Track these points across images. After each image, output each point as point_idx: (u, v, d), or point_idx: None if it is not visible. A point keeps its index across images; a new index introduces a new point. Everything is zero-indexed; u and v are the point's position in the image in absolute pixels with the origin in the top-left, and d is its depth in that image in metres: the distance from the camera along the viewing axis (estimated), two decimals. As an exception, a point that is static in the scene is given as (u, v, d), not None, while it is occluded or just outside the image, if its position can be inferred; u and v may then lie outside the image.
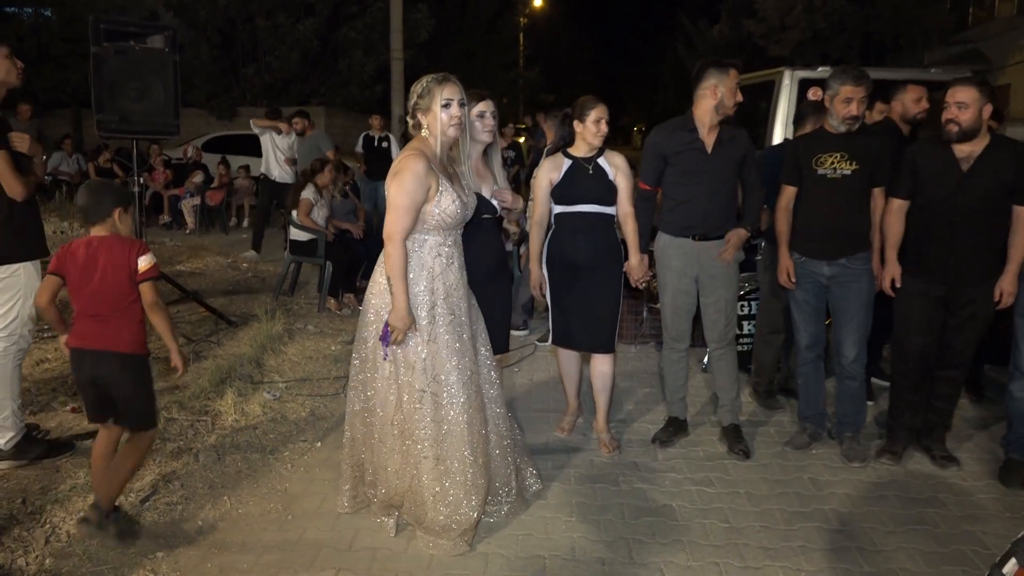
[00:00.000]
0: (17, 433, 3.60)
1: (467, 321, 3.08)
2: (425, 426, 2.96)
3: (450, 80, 3.00)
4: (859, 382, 3.87)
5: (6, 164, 3.41)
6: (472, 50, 25.71)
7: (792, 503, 3.43)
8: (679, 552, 3.02)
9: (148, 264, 2.94)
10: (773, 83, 6.42)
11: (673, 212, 3.86)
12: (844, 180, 3.72)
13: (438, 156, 3.02)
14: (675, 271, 3.89)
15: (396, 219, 2.90)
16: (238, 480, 3.55)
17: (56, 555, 2.90)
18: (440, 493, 2.97)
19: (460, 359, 3.01)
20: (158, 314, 2.96)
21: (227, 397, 4.43)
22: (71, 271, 2.94)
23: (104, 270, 2.91)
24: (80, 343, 2.95)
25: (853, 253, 3.76)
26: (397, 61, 14.91)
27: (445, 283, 3.00)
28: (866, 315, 3.80)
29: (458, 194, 3.01)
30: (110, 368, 2.93)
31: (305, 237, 6.75)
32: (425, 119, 3.01)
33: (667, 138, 3.86)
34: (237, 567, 2.87)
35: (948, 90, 3.54)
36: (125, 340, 2.94)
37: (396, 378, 3.02)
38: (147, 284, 2.95)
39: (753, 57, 20.96)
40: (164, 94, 5.43)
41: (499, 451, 3.22)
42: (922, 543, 3.11)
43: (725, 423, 4.05)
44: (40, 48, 17.01)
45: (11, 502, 3.28)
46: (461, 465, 2.98)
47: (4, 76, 3.51)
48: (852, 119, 3.70)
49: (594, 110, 3.74)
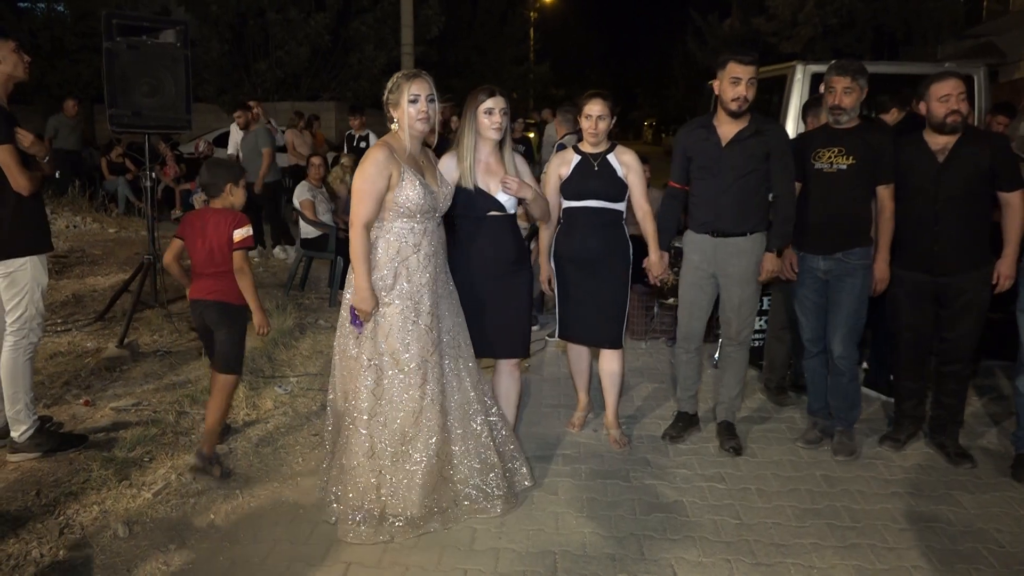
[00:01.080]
0: (31, 426, 3.63)
1: (429, 311, 3.11)
2: (364, 398, 3.05)
3: (420, 76, 3.08)
4: (848, 377, 3.84)
5: (12, 158, 3.42)
6: (482, 45, 25.62)
7: (804, 499, 3.42)
8: (690, 548, 3.02)
9: (241, 236, 3.48)
10: (785, 77, 6.39)
11: (694, 208, 3.86)
12: (840, 175, 3.70)
13: (407, 149, 3.11)
14: (692, 265, 3.88)
15: (356, 204, 3.03)
16: (249, 474, 3.57)
17: (70, 547, 2.92)
18: (357, 468, 3.05)
19: (414, 343, 3.06)
20: (243, 279, 3.50)
21: (239, 391, 4.44)
22: (189, 236, 3.54)
23: (210, 237, 3.48)
24: (195, 295, 3.58)
25: (849, 248, 3.73)
26: (408, 56, 14.89)
27: (408, 267, 3.07)
28: (857, 310, 3.77)
29: (423, 184, 3.06)
30: (210, 315, 3.54)
31: (315, 233, 6.82)
32: (395, 113, 3.10)
33: (688, 134, 3.86)
34: (249, 560, 2.88)
35: (947, 82, 3.58)
36: (223, 292, 3.51)
37: (354, 354, 3.12)
38: (238, 252, 3.49)
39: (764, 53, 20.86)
40: (176, 89, 5.43)
41: (468, 451, 3.21)
42: (936, 541, 3.09)
43: (719, 419, 4.05)
44: (53, 43, 17.07)
45: (25, 494, 3.30)
46: (399, 454, 3.05)
47: (11, 70, 3.53)
48: (835, 109, 3.67)
49: (586, 105, 3.73)
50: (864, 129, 3.74)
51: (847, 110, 3.67)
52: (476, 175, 3.38)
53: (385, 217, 3.06)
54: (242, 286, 3.50)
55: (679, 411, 4.13)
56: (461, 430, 3.20)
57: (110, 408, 4.27)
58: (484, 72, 24.66)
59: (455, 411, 3.19)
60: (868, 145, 3.67)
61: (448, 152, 3.48)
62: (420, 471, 3.06)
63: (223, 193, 3.57)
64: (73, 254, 8.47)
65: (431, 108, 3.08)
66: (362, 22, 18.60)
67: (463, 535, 3.07)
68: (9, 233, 3.49)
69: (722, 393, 4.04)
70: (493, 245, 3.41)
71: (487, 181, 3.39)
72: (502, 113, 3.34)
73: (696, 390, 4.11)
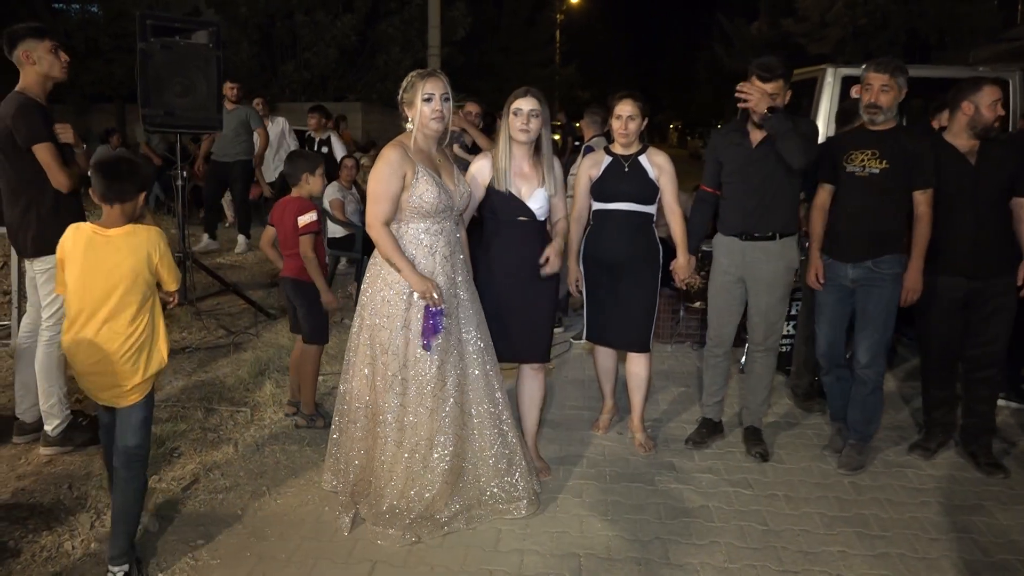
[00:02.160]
0: (63, 420, 3.68)
1: (450, 313, 3.10)
2: (392, 410, 3.05)
3: (434, 75, 3.06)
4: (871, 389, 3.73)
5: (52, 156, 3.48)
6: (508, 46, 25.69)
7: (832, 507, 3.38)
8: (716, 554, 2.99)
9: (305, 222, 3.87)
10: (816, 80, 6.32)
11: (724, 211, 3.84)
12: (872, 179, 3.59)
13: (423, 148, 3.10)
14: (721, 268, 3.85)
15: (372, 206, 3.02)
16: (276, 471, 3.60)
17: (101, 539, 2.96)
18: (395, 479, 3.06)
19: (436, 352, 3.05)
20: (308, 263, 3.89)
21: (266, 388, 4.49)
22: (276, 221, 4.00)
23: (285, 223, 3.93)
24: (281, 273, 4.05)
25: (879, 256, 3.62)
26: (434, 57, 14.94)
27: (426, 271, 3.05)
28: (886, 321, 3.66)
29: (439, 183, 3.04)
30: (289, 290, 4.03)
31: (342, 232, 6.87)
32: (410, 112, 3.08)
33: (721, 138, 3.85)
34: (275, 556, 2.91)
35: (995, 87, 3.57)
36: (297, 271, 3.95)
37: (374, 362, 3.10)
38: (304, 237, 3.88)
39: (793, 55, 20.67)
40: (208, 89, 5.50)
41: (487, 454, 3.21)
42: (967, 551, 3.04)
43: (745, 424, 4.02)
44: (87, 43, 17.35)
45: (58, 487, 3.35)
46: (420, 455, 3.06)
47: (48, 69, 3.58)
48: (871, 107, 3.58)
49: (617, 105, 3.72)
50: (901, 131, 3.66)
51: (883, 109, 3.55)
52: (510, 178, 3.35)
53: (400, 219, 3.06)
54: (308, 269, 3.90)
55: (703, 417, 4.10)
56: (487, 431, 3.20)
57: (140, 404, 4.32)
58: (509, 74, 24.68)
59: (479, 411, 3.19)
60: (904, 149, 3.55)
61: (483, 152, 3.47)
62: (444, 470, 3.07)
63: (300, 182, 3.98)
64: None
65: (446, 107, 3.05)
66: (389, 24, 18.72)
67: (488, 536, 3.07)
68: (48, 230, 3.54)
69: (749, 399, 4.00)
70: (519, 250, 3.38)
71: (519, 185, 3.36)
72: (531, 115, 3.27)
73: (722, 396, 4.07)
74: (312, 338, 4.02)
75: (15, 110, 3.44)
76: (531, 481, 3.29)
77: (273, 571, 2.82)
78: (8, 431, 3.83)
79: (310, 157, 4.12)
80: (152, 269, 2.69)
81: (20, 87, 3.54)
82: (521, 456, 3.27)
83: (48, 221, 3.54)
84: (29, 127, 3.44)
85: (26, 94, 3.51)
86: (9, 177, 3.55)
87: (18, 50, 3.52)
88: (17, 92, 3.52)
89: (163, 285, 2.79)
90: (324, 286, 3.96)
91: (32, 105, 3.49)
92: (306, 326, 4.01)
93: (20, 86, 3.55)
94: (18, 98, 3.49)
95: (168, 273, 2.76)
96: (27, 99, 3.49)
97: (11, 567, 2.78)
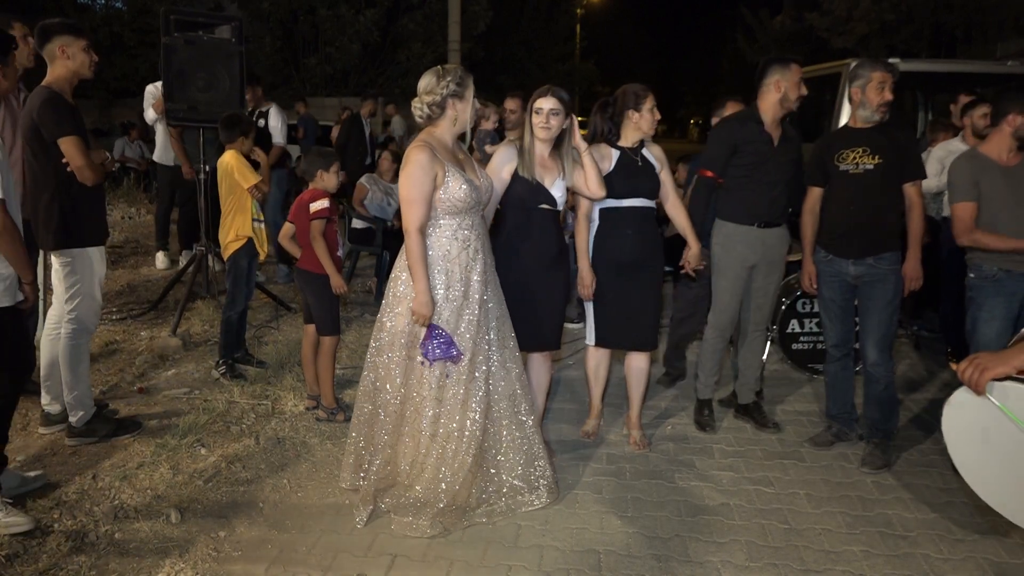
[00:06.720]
0: (87, 412, 3.73)
1: (479, 301, 3.11)
2: (428, 404, 3.07)
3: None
4: (883, 385, 3.72)
5: (78, 149, 3.51)
6: (529, 41, 25.62)
7: (854, 506, 3.34)
8: (737, 552, 2.97)
9: (317, 207, 3.97)
10: (839, 75, 6.25)
11: (740, 201, 3.86)
12: (867, 175, 3.63)
13: (447, 146, 3.13)
14: (738, 257, 3.89)
15: (408, 211, 3.01)
16: (297, 464, 3.62)
17: (124, 530, 3.00)
18: (426, 471, 3.08)
19: (466, 333, 3.08)
20: (317, 246, 3.97)
21: (286, 382, 4.52)
22: (293, 217, 4.07)
23: (300, 216, 4.02)
24: (298, 264, 4.11)
25: (879, 252, 3.65)
26: (454, 52, 14.96)
27: (460, 265, 3.07)
28: (890, 316, 3.68)
29: (466, 178, 3.07)
30: (300, 281, 4.14)
31: (362, 225, 6.82)
32: (457, 107, 3.10)
33: (739, 128, 3.86)
34: (296, 549, 2.92)
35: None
36: (307, 261, 4.03)
37: (406, 357, 3.11)
38: (315, 221, 3.96)
39: (816, 49, 20.46)
40: (231, 84, 5.53)
41: (507, 445, 3.23)
42: (992, 553, 3.00)
43: (745, 400, 4.19)
44: (112, 38, 17.54)
45: (82, 477, 3.40)
46: (453, 445, 3.07)
47: (78, 67, 3.62)
48: (887, 106, 3.62)
49: (649, 98, 3.67)
50: (887, 127, 3.67)
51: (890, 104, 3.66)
52: (535, 168, 3.41)
53: (432, 216, 3.08)
54: (316, 250, 3.96)
55: (700, 398, 4.21)
56: (507, 420, 3.22)
57: (163, 395, 4.37)
58: (530, 69, 24.64)
59: (501, 401, 3.21)
60: (893, 142, 3.62)
61: (504, 142, 3.54)
62: (470, 461, 3.09)
63: (316, 178, 4.08)
64: (128, 244, 8.70)
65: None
66: (410, 19, 18.77)
67: (508, 531, 3.07)
68: (70, 224, 3.58)
69: (746, 376, 4.18)
70: (540, 238, 3.44)
71: (542, 174, 3.43)
72: (551, 114, 3.36)
73: (718, 377, 4.28)
74: (324, 329, 4.05)
75: (41, 103, 3.48)
76: (549, 470, 3.30)
77: (294, 563, 2.84)
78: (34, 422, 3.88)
79: (325, 155, 4.17)
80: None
81: (48, 81, 3.58)
82: (540, 446, 3.29)
83: (71, 215, 3.58)
84: (56, 120, 3.47)
85: (53, 88, 3.54)
86: (34, 170, 3.59)
87: (53, 44, 3.56)
88: (44, 86, 3.56)
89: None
90: (332, 269, 3.99)
91: (58, 99, 3.52)
92: (319, 317, 4.06)
93: (48, 80, 3.58)
94: (45, 92, 3.52)
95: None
96: (53, 93, 3.52)
97: (37, 554, 2.82)
